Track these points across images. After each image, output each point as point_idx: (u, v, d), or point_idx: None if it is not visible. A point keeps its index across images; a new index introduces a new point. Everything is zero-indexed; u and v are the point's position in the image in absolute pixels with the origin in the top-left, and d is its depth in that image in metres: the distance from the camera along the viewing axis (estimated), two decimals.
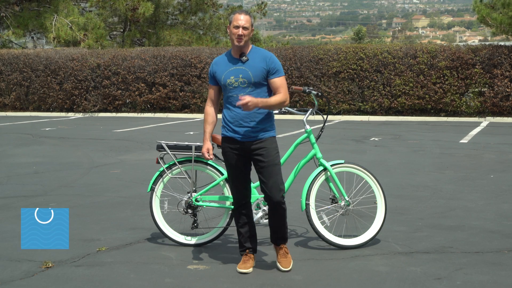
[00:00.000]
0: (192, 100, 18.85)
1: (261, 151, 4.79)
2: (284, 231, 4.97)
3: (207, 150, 4.96)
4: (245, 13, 4.79)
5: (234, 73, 4.77)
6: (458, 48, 17.27)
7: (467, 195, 7.59)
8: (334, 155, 9.73)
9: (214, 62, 4.92)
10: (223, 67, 4.83)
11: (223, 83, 4.81)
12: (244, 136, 4.79)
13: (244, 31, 4.72)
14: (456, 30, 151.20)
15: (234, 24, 4.73)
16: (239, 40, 4.72)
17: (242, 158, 4.86)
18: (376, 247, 5.49)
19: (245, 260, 4.97)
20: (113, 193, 7.85)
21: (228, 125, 4.84)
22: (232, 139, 4.84)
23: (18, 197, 7.67)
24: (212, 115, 4.98)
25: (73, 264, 5.11)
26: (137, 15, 24.76)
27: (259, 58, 4.79)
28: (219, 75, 4.83)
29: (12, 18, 24.25)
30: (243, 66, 4.77)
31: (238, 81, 4.75)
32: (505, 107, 16.68)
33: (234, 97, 4.76)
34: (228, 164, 4.93)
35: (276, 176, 4.81)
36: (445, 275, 4.77)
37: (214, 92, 4.96)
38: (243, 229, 5.02)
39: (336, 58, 17.65)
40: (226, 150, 4.90)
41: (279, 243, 4.97)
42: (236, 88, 4.76)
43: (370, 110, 17.62)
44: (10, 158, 10.89)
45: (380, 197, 5.53)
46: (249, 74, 4.74)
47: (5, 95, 20.53)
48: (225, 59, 4.88)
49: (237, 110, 4.77)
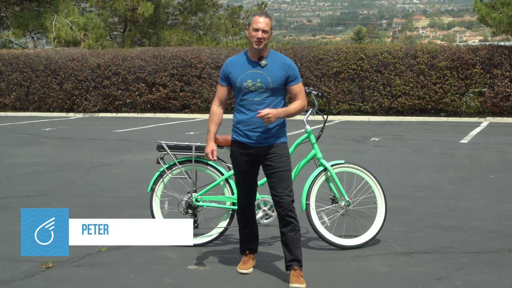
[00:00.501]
0: (192, 100, 18.85)
1: (272, 157, 4.66)
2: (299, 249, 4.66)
3: (211, 151, 4.81)
4: (265, 15, 4.62)
5: (251, 76, 4.61)
6: (458, 48, 17.28)
7: (467, 195, 7.59)
8: (334, 155, 9.73)
9: (229, 62, 4.75)
10: (239, 69, 4.66)
11: (238, 85, 4.64)
12: (256, 141, 4.65)
13: (264, 34, 4.57)
14: (456, 30, 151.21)
15: (253, 27, 4.58)
16: (258, 43, 4.57)
17: (251, 163, 4.73)
18: (376, 247, 5.49)
19: (245, 260, 4.94)
20: (113, 193, 7.85)
21: (240, 129, 4.69)
22: (243, 144, 4.70)
23: (18, 197, 7.67)
24: (218, 115, 4.82)
25: (73, 264, 5.11)
26: (136, 15, 24.76)
27: (278, 64, 4.64)
28: (235, 76, 4.66)
29: (12, 18, 24.26)
30: (261, 71, 4.61)
31: (256, 85, 4.60)
32: (505, 107, 16.69)
33: (249, 100, 4.62)
34: (236, 168, 4.81)
35: (286, 182, 4.66)
36: (445, 275, 4.77)
37: (224, 92, 4.80)
38: (245, 230, 4.96)
39: (336, 58, 17.65)
40: (236, 154, 4.76)
41: (293, 265, 4.62)
42: (252, 92, 4.61)
43: (370, 110, 17.62)
44: (10, 158, 10.89)
45: (380, 197, 5.53)
46: (267, 80, 4.59)
47: (5, 95, 20.53)
48: (241, 60, 4.71)
49: (251, 115, 4.62)
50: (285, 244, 4.68)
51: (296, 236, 4.66)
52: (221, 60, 18.57)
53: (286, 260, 4.69)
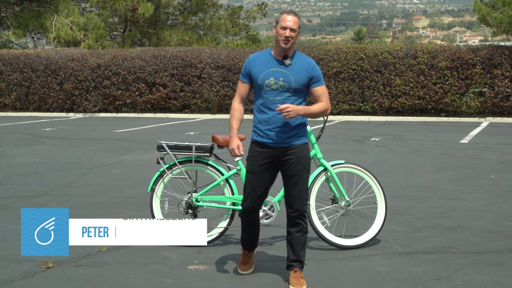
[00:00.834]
0: (193, 100, 18.85)
1: (292, 158, 4.56)
2: (303, 251, 4.65)
3: (237, 146, 4.61)
4: (293, 13, 4.55)
5: (274, 74, 4.52)
6: (458, 48, 17.28)
7: (467, 195, 7.59)
8: (334, 155, 9.73)
9: (251, 59, 4.63)
10: (262, 66, 4.56)
11: (260, 83, 4.53)
12: (277, 141, 4.54)
13: (292, 33, 4.48)
14: (457, 30, 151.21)
15: (281, 25, 4.49)
16: (286, 42, 4.47)
17: (269, 164, 4.60)
18: (376, 247, 5.49)
19: (245, 261, 4.87)
20: (114, 193, 7.85)
21: (260, 129, 4.58)
22: (263, 144, 4.58)
23: (19, 197, 7.67)
24: (240, 111, 4.67)
25: (73, 264, 5.11)
26: (136, 15, 24.76)
27: (303, 64, 4.56)
28: (257, 73, 4.55)
29: (12, 18, 24.26)
30: (285, 69, 4.52)
31: (278, 84, 4.50)
32: (506, 107, 16.69)
33: (270, 99, 4.52)
34: (252, 170, 4.63)
35: (302, 185, 4.61)
36: (445, 275, 4.77)
37: (246, 89, 4.66)
38: (248, 231, 4.84)
39: (337, 58, 17.65)
40: (255, 155, 4.61)
41: (294, 265, 4.61)
42: (274, 91, 4.51)
43: (370, 110, 17.62)
44: (11, 158, 10.89)
45: (380, 197, 5.53)
46: (290, 79, 4.50)
47: (5, 95, 20.53)
48: (264, 58, 4.60)
49: (272, 114, 4.52)
50: (290, 244, 4.65)
51: (303, 237, 4.64)
52: (221, 60, 18.57)
53: (289, 259, 4.66)
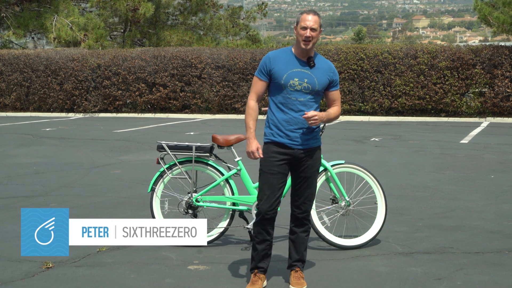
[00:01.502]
0: (193, 100, 18.85)
1: (307, 160, 4.53)
2: (305, 251, 4.71)
3: (257, 148, 4.46)
4: (314, 13, 4.47)
5: (299, 75, 4.45)
6: (458, 48, 17.28)
7: (467, 196, 7.59)
8: (334, 156, 9.73)
9: (272, 57, 4.51)
10: (285, 66, 4.46)
11: (283, 82, 4.43)
12: (298, 142, 4.47)
13: (312, 32, 4.41)
14: (457, 31, 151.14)
15: (301, 25, 4.42)
16: (307, 43, 4.41)
17: (286, 165, 4.51)
18: (376, 247, 5.50)
19: (254, 281, 4.54)
20: (114, 194, 7.85)
21: (280, 129, 4.48)
22: (282, 145, 4.48)
23: (19, 197, 7.67)
24: (257, 110, 4.55)
25: (73, 264, 5.11)
26: (137, 15, 24.76)
27: (325, 67, 4.55)
28: (279, 72, 4.45)
29: (12, 18, 24.27)
30: (309, 71, 4.47)
31: (302, 85, 4.43)
32: (506, 107, 16.69)
33: (292, 100, 4.44)
34: (271, 170, 4.48)
35: (314, 187, 4.65)
36: (445, 276, 4.77)
37: (263, 87, 4.54)
38: (260, 245, 4.57)
39: (337, 59, 17.65)
40: (271, 156, 4.48)
41: (296, 265, 4.64)
42: (297, 92, 4.43)
43: (370, 110, 17.62)
44: (11, 158, 10.89)
45: (380, 197, 5.53)
46: (314, 81, 4.46)
47: (5, 95, 20.54)
48: (285, 57, 4.51)
49: (293, 114, 4.44)
50: (294, 243, 4.67)
51: (307, 237, 4.71)
52: (221, 61, 18.57)
53: (291, 259, 4.67)
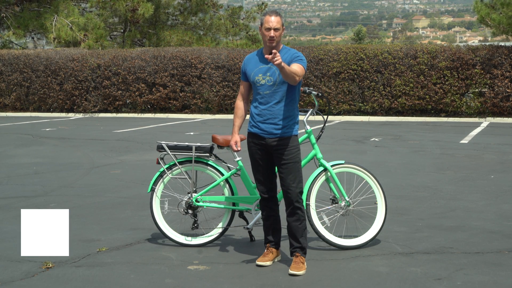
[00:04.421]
0: (193, 100, 18.85)
1: (282, 148, 4.91)
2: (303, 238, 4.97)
3: (235, 142, 5.07)
4: (275, 13, 4.90)
5: (262, 71, 4.91)
6: (458, 48, 17.28)
7: (467, 196, 7.59)
8: (334, 156, 9.73)
9: (246, 59, 5.08)
10: (254, 65, 4.98)
11: (251, 80, 4.96)
12: (267, 132, 4.92)
13: (276, 32, 4.84)
14: (457, 31, 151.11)
15: (265, 26, 4.85)
16: (271, 42, 4.85)
17: (264, 153, 4.99)
18: (376, 247, 5.50)
19: (266, 253, 5.07)
20: (114, 194, 7.85)
21: (254, 121, 4.98)
22: (256, 135, 4.98)
23: (19, 197, 7.68)
24: (241, 109, 5.10)
25: (73, 264, 5.11)
26: (137, 16, 24.74)
27: (286, 57, 4.89)
28: (249, 72, 4.99)
29: (12, 18, 24.26)
30: (271, 65, 4.88)
31: (265, 79, 4.89)
32: (506, 107, 16.69)
33: (260, 94, 4.91)
34: (252, 159, 5.06)
35: (295, 173, 4.93)
36: (445, 276, 4.78)
37: (245, 87, 5.11)
38: (266, 221, 5.13)
39: (337, 59, 17.65)
40: (251, 145, 5.04)
41: (296, 251, 4.94)
42: (262, 86, 4.91)
43: (370, 110, 17.62)
44: (11, 158, 10.89)
45: (380, 197, 5.53)
46: (275, 73, 4.86)
47: (5, 95, 20.53)
48: (256, 57, 5.02)
49: (262, 107, 4.91)
50: (290, 233, 4.98)
51: (301, 225, 4.97)
52: (221, 61, 18.58)
53: (292, 246, 4.97)
